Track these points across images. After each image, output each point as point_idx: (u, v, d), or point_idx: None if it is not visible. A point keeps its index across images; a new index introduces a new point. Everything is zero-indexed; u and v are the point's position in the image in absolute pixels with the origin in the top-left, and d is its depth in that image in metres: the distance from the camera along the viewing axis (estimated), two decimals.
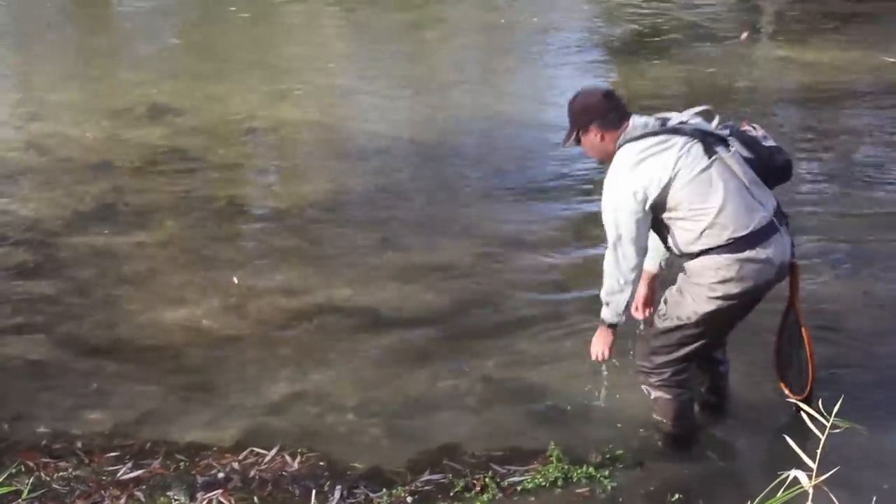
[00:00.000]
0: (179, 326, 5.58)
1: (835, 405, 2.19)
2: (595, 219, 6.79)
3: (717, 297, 4.05)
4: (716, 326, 4.18)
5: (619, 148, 4.08)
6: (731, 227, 3.97)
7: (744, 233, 3.98)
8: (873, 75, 9.67)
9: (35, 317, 5.69)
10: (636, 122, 4.10)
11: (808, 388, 4.50)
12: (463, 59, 10.93)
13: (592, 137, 4.14)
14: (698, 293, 4.07)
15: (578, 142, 4.21)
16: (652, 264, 4.44)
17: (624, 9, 12.26)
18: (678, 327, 4.18)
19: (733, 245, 3.98)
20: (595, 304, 5.66)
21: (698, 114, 4.16)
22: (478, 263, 6.24)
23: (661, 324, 4.24)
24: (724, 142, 4.07)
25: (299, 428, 4.70)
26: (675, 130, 4.03)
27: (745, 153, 4.12)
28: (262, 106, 9.05)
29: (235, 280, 5.98)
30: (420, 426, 4.71)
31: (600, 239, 6.48)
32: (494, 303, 5.79)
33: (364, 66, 10.46)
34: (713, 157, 4.00)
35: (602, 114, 4.11)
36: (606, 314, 4.25)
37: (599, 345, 4.34)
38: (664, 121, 4.11)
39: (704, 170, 3.98)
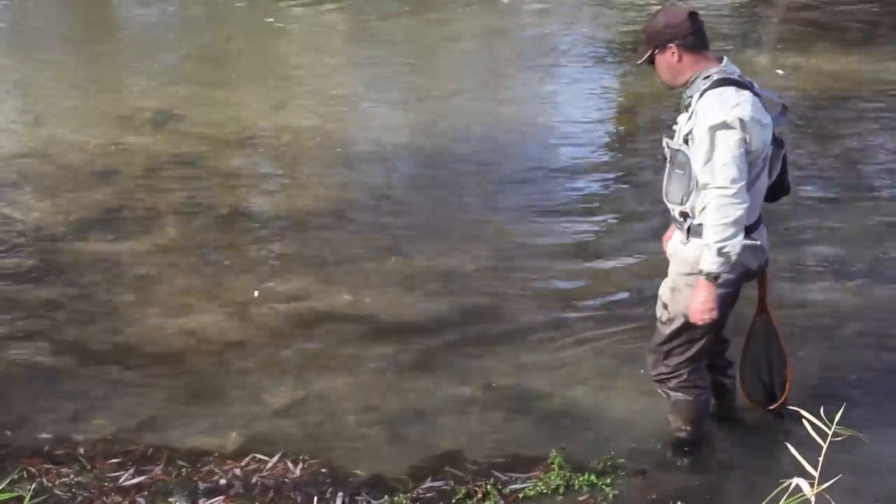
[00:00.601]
0: (182, 332, 5.59)
1: (836, 413, 2.19)
2: (598, 225, 6.88)
3: (720, 284, 4.05)
4: (721, 315, 4.17)
5: (712, 81, 3.94)
6: (750, 213, 4.00)
7: (748, 223, 4.01)
8: (878, 83, 9.66)
9: (38, 323, 5.70)
10: (730, 66, 4.01)
11: (785, 394, 4.53)
12: (465, 65, 10.93)
13: (669, 57, 4.04)
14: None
15: (652, 61, 4.09)
16: None
17: (626, 15, 12.27)
18: (686, 325, 4.17)
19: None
20: (599, 310, 5.72)
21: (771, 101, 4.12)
22: (480, 270, 6.24)
23: (669, 327, 4.23)
24: (775, 139, 4.07)
25: (301, 434, 4.71)
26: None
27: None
28: (265, 113, 9.06)
29: (256, 293, 5.95)
30: (422, 433, 4.71)
31: (604, 246, 6.56)
32: (497, 310, 5.79)
33: (367, 73, 10.46)
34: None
35: (684, 34, 4.00)
36: (719, 263, 3.90)
37: (709, 302, 4.00)
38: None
39: (762, 152, 3.98)
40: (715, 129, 3.86)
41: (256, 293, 5.94)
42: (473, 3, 12.95)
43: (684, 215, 4.07)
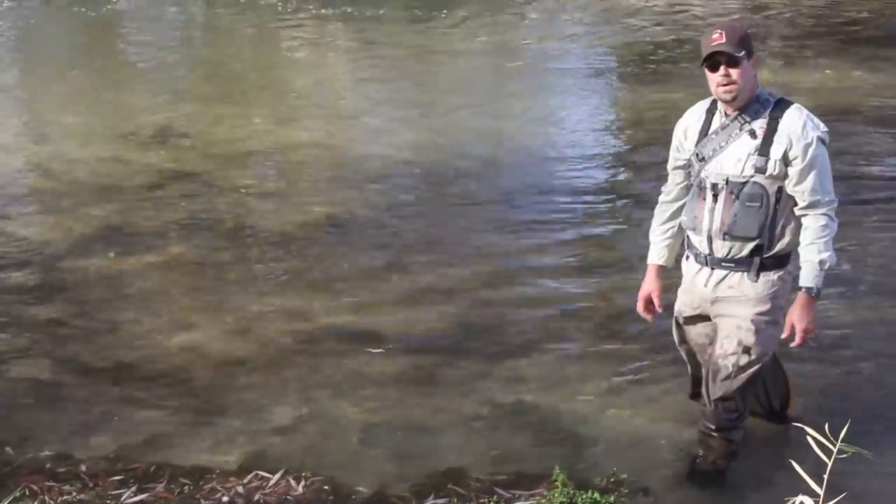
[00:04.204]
0: (184, 349, 5.58)
1: (841, 430, 2.17)
2: (601, 240, 6.88)
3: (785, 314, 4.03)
4: None
5: (777, 100, 3.97)
6: None
7: None
8: (882, 97, 9.66)
9: (40, 339, 5.69)
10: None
11: (790, 406, 4.58)
12: (469, 82, 10.96)
13: (751, 68, 3.95)
14: (781, 317, 4.04)
15: (736, 63, 3.88)
16: (669, 257, 4.29)
17: (630, 31, 12.30)
18: (761, 359, 4.09)
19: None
20: (602, 326, 5.71)
21: None
22: (483, 286, 6.23)
23: (748, 371, 4.09)
24: None
25: (304, 451, 4.69)
26: None
27: None
28: (268, 128, 9.08)
29: (378, 350, 5.54)
30: (425, 450, 4.69)
31: (608, 261, 6.55)
32: (499, 326, 5.78)
33: (370, 88, 10.49)
34: None
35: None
36: (822, 278, 3.95)
37: (811, 320, 3.97)
38: None
39: None
40: (819, 148, 3.92)
41: (379, 350, 5.58)
42: (476, 17, 13.00)
43: (757, 250, 3.96)
